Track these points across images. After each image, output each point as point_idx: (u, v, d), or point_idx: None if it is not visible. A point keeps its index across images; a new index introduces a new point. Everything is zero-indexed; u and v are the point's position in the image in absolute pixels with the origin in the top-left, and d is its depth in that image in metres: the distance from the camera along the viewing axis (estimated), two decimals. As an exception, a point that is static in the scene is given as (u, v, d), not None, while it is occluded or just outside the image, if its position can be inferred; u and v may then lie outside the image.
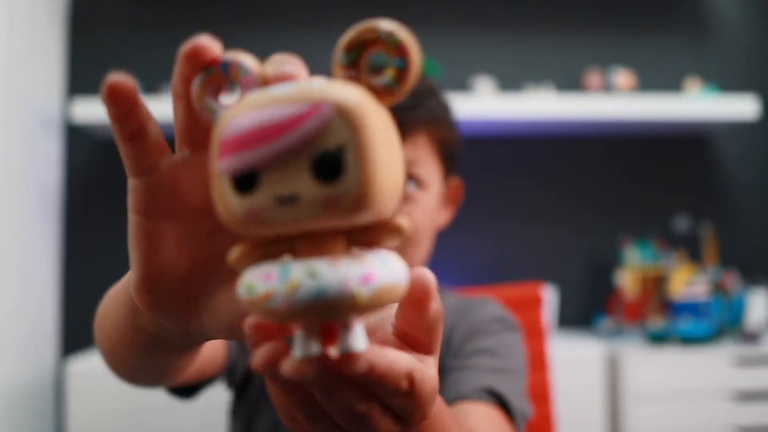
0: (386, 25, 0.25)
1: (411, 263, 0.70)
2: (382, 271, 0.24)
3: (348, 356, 0.24)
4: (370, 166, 0.23)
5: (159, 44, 1.73)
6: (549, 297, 1.57)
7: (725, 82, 1.82)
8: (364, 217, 0.24)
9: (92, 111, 1.52)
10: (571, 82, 1.78)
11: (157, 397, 1.32)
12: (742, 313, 1.55)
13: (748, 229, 1.81)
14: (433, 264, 1.62)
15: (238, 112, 0.24)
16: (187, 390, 0.68)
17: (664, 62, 1.81)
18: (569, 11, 1.81)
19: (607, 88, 1.70)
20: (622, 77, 1.68)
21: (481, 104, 1.56)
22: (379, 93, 0.25)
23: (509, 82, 1.77)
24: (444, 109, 0.74)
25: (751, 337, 1.48)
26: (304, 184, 0.23)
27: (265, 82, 0.27)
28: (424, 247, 0.71)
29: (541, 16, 1.80)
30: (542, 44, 1.79)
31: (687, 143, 1.81)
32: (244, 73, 0.27)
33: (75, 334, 1.65)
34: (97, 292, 1.66)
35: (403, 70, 0.25)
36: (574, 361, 1.41)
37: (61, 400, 1.57)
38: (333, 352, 0.25)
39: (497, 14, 1.79)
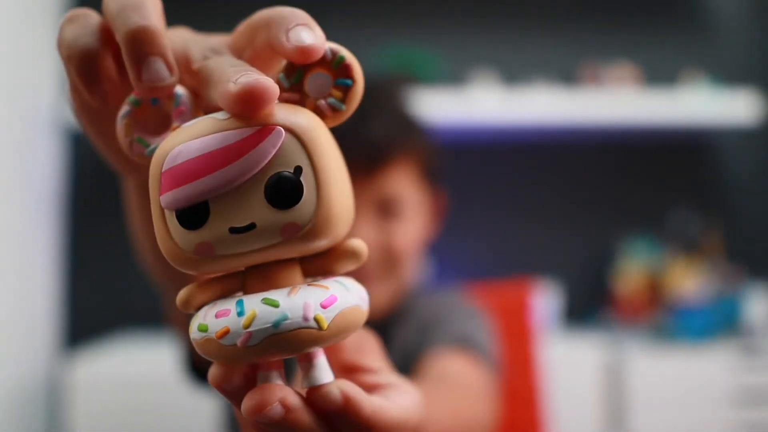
0: (328, 44, 0.24)
1: (396, 286, 0.69)
2: (343, 295, 0.23)
3: (319, 390, 0.22)
4: (328, 188, 0.22)
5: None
6: (548, 294, 1.57)
7: (727, 77, 1.80)
8: (323, 243, 0.23)
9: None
10: (570, 76, 1.78)
11: (159, 398, 1.33)
12: (743, 311, 1.54)
13: (751, 226, 1.80)
14: (431, 261, 1.63)
15: (179, 140, 0.23)
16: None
17: (663, 57, 1.80)
18: (568, 5, 1.80)
19: (609, 83, 1.69)
20: (622, 72, 1.67)
21: (478, 99, 1.56)
22: (325, 114, 0.25)
23: (507, 77, 1.76)
24: (419, 131, 0.71)
25: (751, 336, 1.47)
26: (259, 211, 0.22)
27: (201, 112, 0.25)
28: (409, 268, 0.71)
29: (536, 8, 1.80)
30: (538, 38, 1.79)
31: (688, 138, 1.80)
32: (178, 103, 0.25)
33: (75, 336, 1.67)
34: (97, 293, 1.68)
35: (348, 89, 0.24)
36: (573, 359, 1.41)
37: (61, 401, 1.60)
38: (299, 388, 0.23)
39: (491, 7, 1.79)
